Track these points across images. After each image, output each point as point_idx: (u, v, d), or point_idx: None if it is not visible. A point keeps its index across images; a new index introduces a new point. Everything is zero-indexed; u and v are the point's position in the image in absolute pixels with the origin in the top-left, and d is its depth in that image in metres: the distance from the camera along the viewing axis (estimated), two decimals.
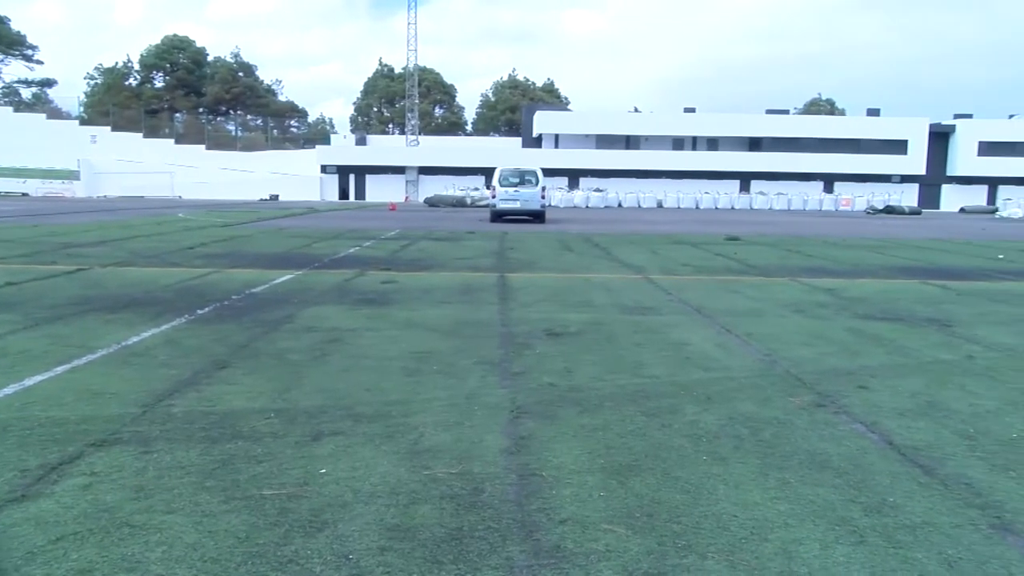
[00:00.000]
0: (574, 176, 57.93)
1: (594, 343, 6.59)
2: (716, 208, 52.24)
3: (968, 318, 8.23)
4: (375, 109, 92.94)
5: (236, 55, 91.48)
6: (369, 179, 61.24)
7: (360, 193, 61.26)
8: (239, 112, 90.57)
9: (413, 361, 5.79)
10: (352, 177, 61.40)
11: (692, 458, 3.84)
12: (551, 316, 7.86)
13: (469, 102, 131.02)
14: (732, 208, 52.30)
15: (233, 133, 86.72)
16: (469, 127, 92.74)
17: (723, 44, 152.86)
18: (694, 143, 60.78)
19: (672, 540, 2.95)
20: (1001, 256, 16.73)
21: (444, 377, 5.33)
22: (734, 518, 3.15)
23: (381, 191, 59.61)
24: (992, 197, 58.02)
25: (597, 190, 54.02)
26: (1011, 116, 62.11)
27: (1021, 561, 2.84)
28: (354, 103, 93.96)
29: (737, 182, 58.06)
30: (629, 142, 60.53)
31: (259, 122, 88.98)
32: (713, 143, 60.40)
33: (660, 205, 53.44)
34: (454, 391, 4.97)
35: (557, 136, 60.55)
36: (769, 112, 61.57)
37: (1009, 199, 53.48)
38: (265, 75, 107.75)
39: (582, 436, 4.13)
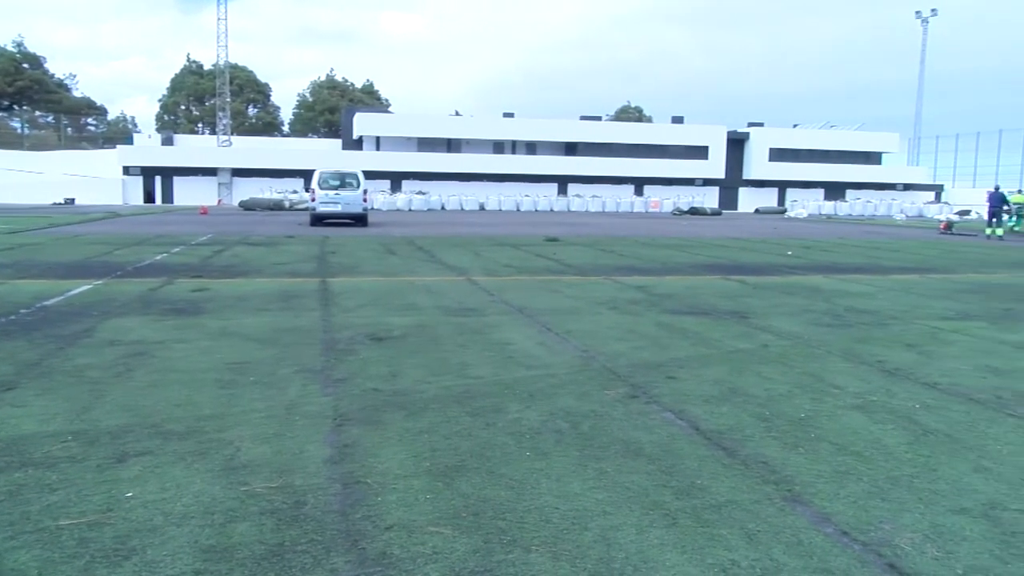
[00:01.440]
0: (396, 179, 57.57)
1: (418, 346, 6.57)
2: (536, 210, 53.72)
3: (763, 310, 8.96)
4: (183, 107, 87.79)
5: (20, 44, 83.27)
6: (178, 181, 57.74)
7: (168, 196, 57.65)
8: (25, 108, 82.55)
9: (228, 372, 5.52)
10: (158, 179, 57.64)
11: (516, 455, 3.91)
12: (374, 320, 7.76)
13: (285, 102, 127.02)
14: (551, 210, 53.97)
15: (19, 131, 79.03)
16: (286, 128, 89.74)
17: (539, 51, 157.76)
18: (514, 147, 62.21)
19: (497, 536, 2.99)
20: (790, 252, 18.36)
21: (262, 388, 5.12)
22: (556, 510, 3.25)
23: (191, 194, 56.40)
24: (782, 199, 63.55)
25: (420, 193, 53.97)
26: (795, 125, 68.34)
27: (808, 528, 3.12)
28: (160, 100, 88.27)
29: (555, 185, 60.00)
30: (451, 145, 60.99)
31: (50, 119, 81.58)
32: (532, 147, 62.08)
33: (482, 208, 54.21)
34: (273, 402, 4.79)
35: (378, 138, 59.93)
36: (584, 118, 64.09)
37: (795, 200, 58.86)
38: (56, 68, 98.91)
39: (408, 440, 4.11)
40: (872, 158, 66.93)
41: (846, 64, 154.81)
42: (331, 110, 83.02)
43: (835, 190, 63.49)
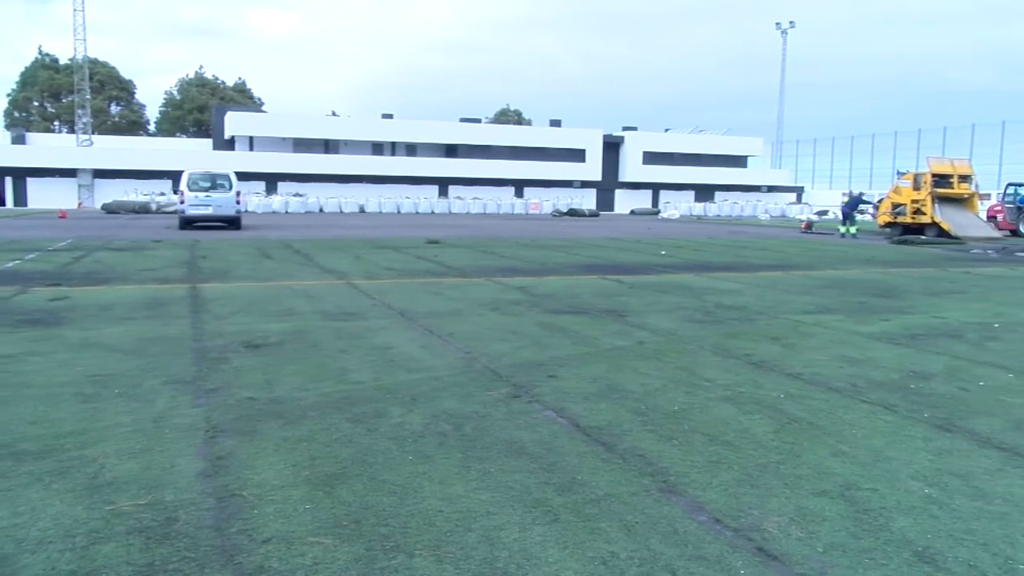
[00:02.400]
0: (272, 180, 55.90)
1: (296, 352, 6.41)
2: (417, 212, 53.41)
3: (639, 308, 9.24)
4: (36, 104, 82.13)
5: None
6: (32, 183, 53.95)
7: (21, 199, 53.78)
8: None
9: (90, 386, 5.21)
10: (9, 180, 53.69)
11: (398, 459, 3.88)
12: (249, 327, 7.51)
13: (151, 100, 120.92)
14: (432, 212, 53.79)
15: None
16: (152, 127, 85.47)
17: (417, 53, 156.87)
18: (393, 148, 61.61)
19: (380, 543, 2.95)
20: (664, 252, 19.02)
21: (128, 401, 4.86)
22: (440, 513, 3.24)
23: (48, 197, 52.81)
24: (655, 200, 65.77)
25: (297, 195, 52.59)
26: (667, 130, 70.90)
27: (683, 517, 3.24)
28: (8, 96, 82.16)
29: (436, 187, 59.85)
30: (328, 146, 59.77)
31: None
32: (412, 149, 61.69)
33: (362, 210, 53.41)
34: (140, 415, 4.55)
35: (252, 139, 58.01)
36: (463, 120, 64.24)
37: (668, 202, 61.07)
38: None
39: (285, 449, 3.99)
40: (739, 161, 70.25)
41: (714, 71, 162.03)
42: (201, 109, 79.66)
43: (705, 192, 66.26)
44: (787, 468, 3.86)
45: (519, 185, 62.15)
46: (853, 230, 28.26)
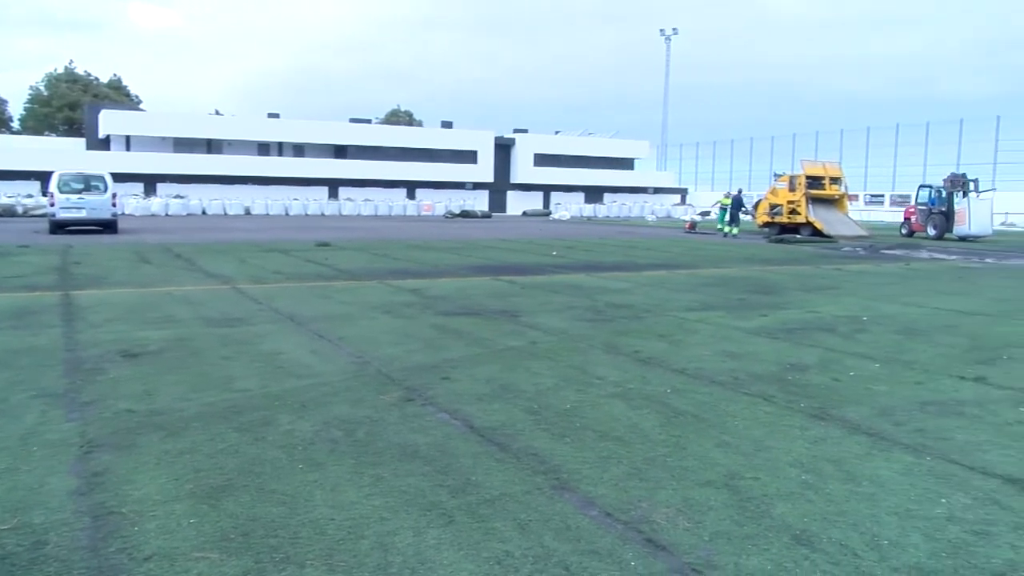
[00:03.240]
0: (151, 182, 53.39)
1: (178, 361, 6.15)
2: (306, 214, 52.17)
3: (531, 308, 9.34)
4: None
5: None
6: None
7: None
8: None
9: None
10: None
11: (288, 468, 3.78)
12: (127, 335, 7.15)
13: (15, 96, 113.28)
14: (322, 214, 52.69)
15: None
16: (16, 124, 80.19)
17: (305, 52, 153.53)
18: (280, 149, 59.98)
19: (269, 555, 2.87)
20: (555, 253, 19.29)
21: None
22: (332, 521, 3.18)
23: None
24: (547, 202, 66.65)
25: (178, 197, 50.44)
26: (557, 132, 71.97)
27: (575, 512, 3.30)
28: None
29: (326, 188, 58.64)
30: (211, 146, 57.61)
31: None
32: (300, 149, 60.22)
33: (248, 212, 51.74)
34: (5, 432, 4.26)
35: (128, 138, 55.26)
36: (353, 121, 63.24)
37: (559, 203, 62.02)
38: None
39: (167, 462, 3.82)
40: (626, 164, 72.02)
41: (602, 75, 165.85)
42: (72, 106, 75.27)
43: (594, 193, 67.61)
44: (674, 460, 3.99)
45: (411, 186, 61.71)
46: (735, 230, 29.42)
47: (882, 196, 56.85)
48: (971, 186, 29.78)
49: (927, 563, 2.89)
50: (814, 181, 28.44)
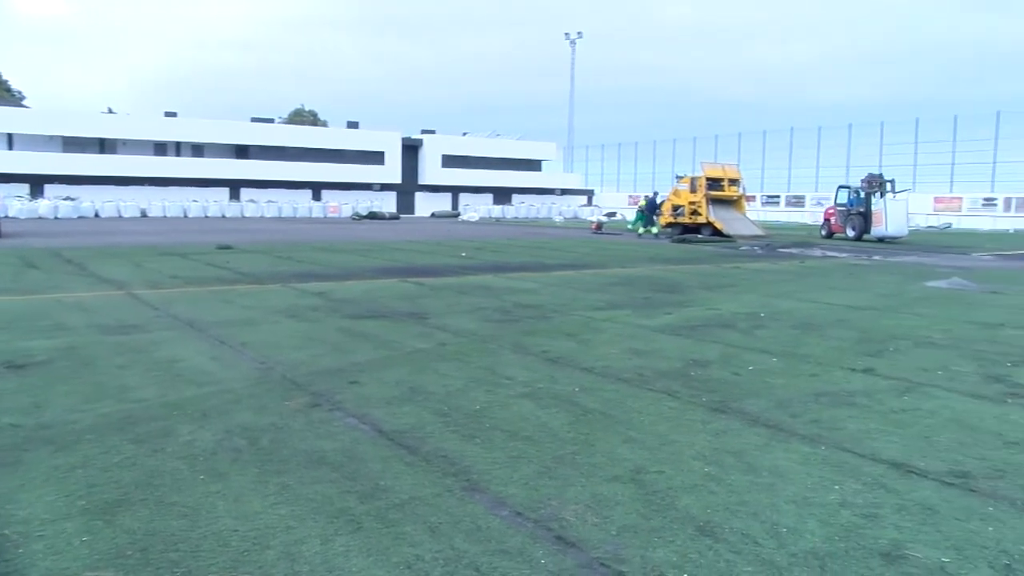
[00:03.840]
0: (37, 182, 50.59)
1: (68, 371, 5.85)
2: (206, 217, 50.48)
3: (440, 310, 9.30)
4: None
5: None
6: None
7: None
8: None
9: None
10: None
11: (189, 480, 3.64)
12: (12, 345, 6.76)
13: None
14: (223, 216, 51.05)
15: None
16: None
17: (203, 50, 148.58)
18: (178, 149, 57.87)
19: (169, 570, 2.76)
20: (464, 254, 19.28)
21: None
22: (235, 532, 3.08)
23: None
24: (455, 203, 66.57)
25: (68, 199, 47.95)
26: (465, 133, 72.00)
27: (486, 513, 3.30)
28: None
29: (227, 190, 56.86)
30: (104, 146, 55.04)
31: None
32: (199, 149, 58.23)
33: (144, 214, 49.66)
34: None
35: (11, 136, 52.25)
36: (255, 120, 61.61)
37: (468, 205, 62.06)
38: None
39: (57, 478, 3.63)
40: (534, 165, 72.65)
41: (509, 77, 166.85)
42: None
43: (503, 195, 67.94)
44: (583, 458, 4.04)
45: (316, 188, 60.55)
46: (654, 230, 29.76)
47: (778, 197, 59.24)
48: (887, 187, 28.85)
49: (821, 547, 3.03)
50: (714, 183, 29.32)
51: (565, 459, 4.02)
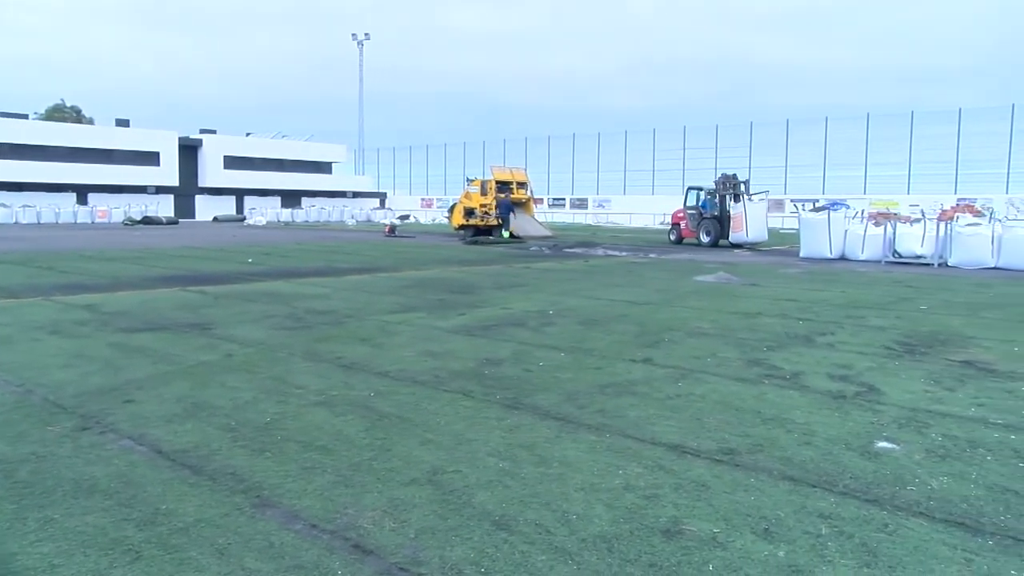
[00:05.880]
0: None
1: None
2: None
3: (225, 319, 8.84)
4: None
5: None
6: None
7: None
8: None
9: None
10: None
11: None
12: None
13: None
14: None
15: None
16: None
17: None
18: None
19: None
20: (250, 260, 18.46)
21: None
22: None
23: None
24: (240, 206, 63.51)
25: None
26: (248, 134, 68.90)
27: (279, 529, 3.17)
28: None
29: None
30: None
31: None
32: None
33: None
34: None
35: None
36: (6, 115, 55.33)
37: (254, 208, 59.41)
38: None
39: None
40: (323, 167, 70.97)
41: (294, 77, 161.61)
42: None
43: (291, 198, 65.77)
44: (379, 463, 4.00)
45: (82, 191, 55.43)
46: (506, 234, 29.52)
47: (563, 199, 62.04)
48: (742, 187, 26.06)
49: (609, 530, 3.20)
50: (503, 186, 30.15)
51: (361, 466, 3.96)
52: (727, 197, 26.18)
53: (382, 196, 74.12)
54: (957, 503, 3.54)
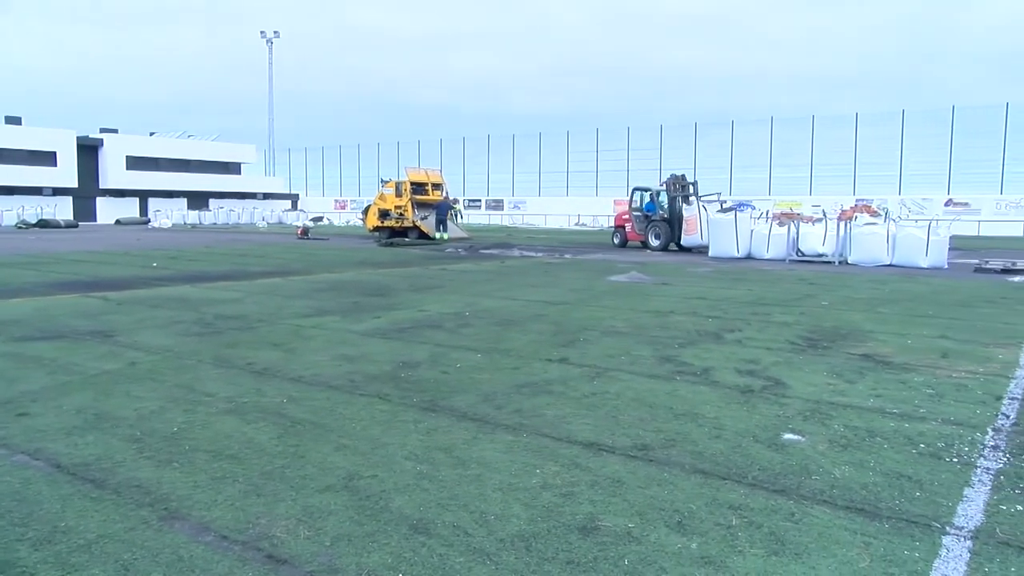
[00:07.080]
0: None
1: None
2: None
3: (129, 326, 8.49)
4: None
5: None
6: None
7: None
8: None
9: None
10: None
11: None
12: None
13: None
14: None
15: None
16: None
17: None
18: None
19: None
20: (155, 264, 17.80)
21: None
22: None
23: None
24: (144, 209, 61.15)
25: None
26: (152, 134, 66.42)
27: (188, 542, 3.07)
28: None
29: None
30: None
31: None
32: None
33: None
34: None
35: None
36: None
37: (159, 211, 57.28)
38: None
39: None
40: (232, 168, 69.04)
41: (200, 76, 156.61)
42: None
43: (198, 199, 63.73)
44: (292, 471, 3.92)
45: None
46: (446, 236, 29.08)
47: (479, 200, 62.10)
48: (691, 189, 25.28)
49: (527, 529, 3.22)
50: (418, 187, 29.95)
51: (274, 474, 3.87)
52: (677, 199, 24.85)
53: (294, 198, 72.68)
54: (857, 490, 3.70)
